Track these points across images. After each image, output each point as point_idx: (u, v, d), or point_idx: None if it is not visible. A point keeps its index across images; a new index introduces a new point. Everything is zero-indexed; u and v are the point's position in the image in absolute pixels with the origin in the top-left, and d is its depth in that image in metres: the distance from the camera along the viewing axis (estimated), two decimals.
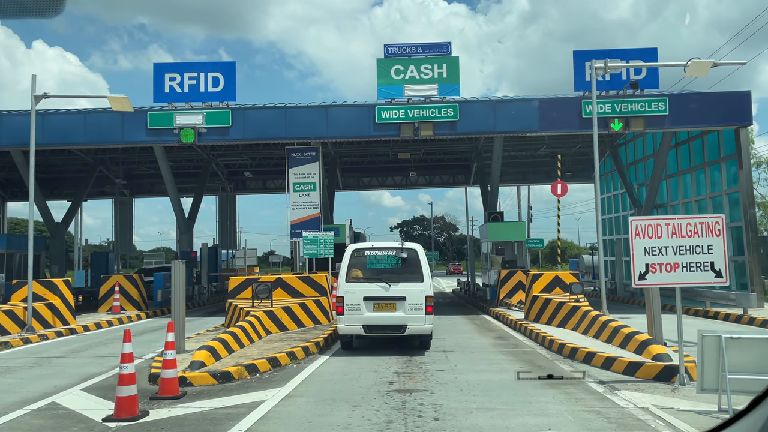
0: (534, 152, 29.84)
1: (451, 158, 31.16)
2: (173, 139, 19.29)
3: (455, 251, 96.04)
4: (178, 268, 11.00)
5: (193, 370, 9.04)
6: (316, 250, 18.82)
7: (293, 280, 15.65)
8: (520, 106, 19.14)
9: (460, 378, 9.06)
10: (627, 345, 10.17)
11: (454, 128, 18.95)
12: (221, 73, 19.72)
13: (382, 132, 19.20)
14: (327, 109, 19.39)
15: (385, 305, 11.03)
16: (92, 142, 19.72)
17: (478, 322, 17.39)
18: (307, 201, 20.43)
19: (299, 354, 10.87)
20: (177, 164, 31.18)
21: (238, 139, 19.65)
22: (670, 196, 25.35)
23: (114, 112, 19.60)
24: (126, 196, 33.05)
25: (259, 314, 12.92)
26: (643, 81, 19.43)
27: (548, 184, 35.80)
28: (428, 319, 11.01)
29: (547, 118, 18.92)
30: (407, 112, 19.05)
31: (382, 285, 11.07)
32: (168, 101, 19.73)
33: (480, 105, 19.28)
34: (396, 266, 11.48)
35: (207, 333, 14.13)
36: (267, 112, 19.64)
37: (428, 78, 19.50)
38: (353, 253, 11.63)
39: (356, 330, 11.09)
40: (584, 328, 12.39)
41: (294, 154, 20.61)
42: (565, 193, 16.73)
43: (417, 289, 11.05)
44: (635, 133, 22.26)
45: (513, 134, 19.62)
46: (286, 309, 13.84)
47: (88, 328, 16.13)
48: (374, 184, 33.87)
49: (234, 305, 14.62)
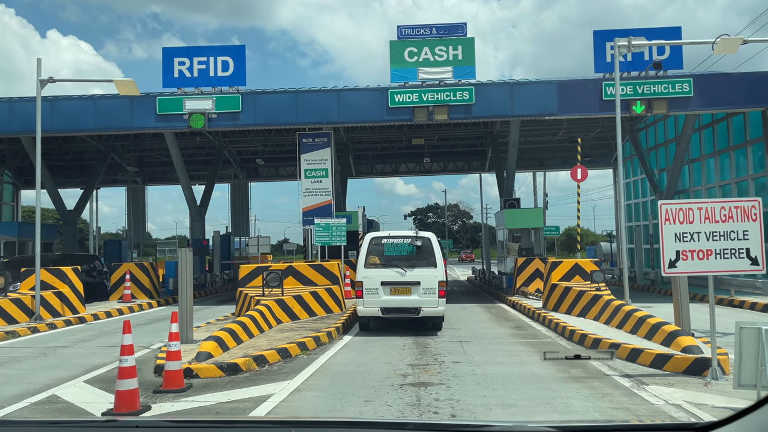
0: (551, 137, 29.16)
1: (465, 144, 30.58)
2: (183, 125, 18.94)
3: (469, 239, 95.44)
4: (185, 257, 10.66)
5: (199, 361, 8.70)
6: (328, 238, 18.45)
7: (305, 269, 15.29)
8: (538, 89, 18.53)
9: (477, 371, 8.64)
10: (654, 336, 9.68)
11: (469, 112, 18.39)
12: (231, 56, 19.30)
13: (395, 116, 18.70)
14: (339, 93, 18.92)
15: (401, 289, 11.92)
16: (101, 128, 19.43)
17: (494, 311, 16.95)
18: (319, 188, 20.03)
19: (310, 344, 10.51)
20: (189, 151, 30.94)
21: (249, 124, 19.26)
22: (692, 181, 24.61)
23: (123, 97, 19.33)
24: (138, 184, 32.91)
25: (270, 303, 12.58)
26: (666, 61, 18.72)
27: (566, 170, 35.10)
28: (441, 302, 11.87)
29: (566, 100, 18.29)
30: (421, 95, 18.52)
31: (398, 270, 11.91)
32: (177, 86, 19.36)
33: (496, 87, 18.69)
34: (411, 253, 12.28)
35: (217, 322, 13.83)
36: (278, 96, 19.20)
37: (443, 60, 18.93)
38: (371, 241, 12.42)
39: (374, 312, 11.98)
40: (606, 318, 11.90)
41: (305, 139, 20.19)
42: (585, 177, 16.17)
43: (431, 275, 11.86)
44: (657, 116, 21.55)
45: (531, 117, 19.03)
46: (297, 298, 13.49)
47: (97, 316, 15.92)
48: (388, 171, 33.41)
49: (244, 294, 14.30)
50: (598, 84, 18.41)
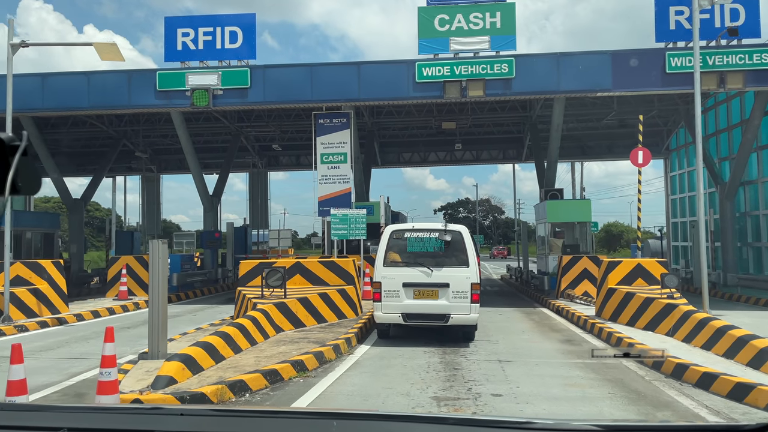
0: (596, 123, 26.47)
1: (501, 131, 28.04)
2: (185, 103, 16.93)
3: (501, 235, 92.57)
4: (157, 250, 8.56)
5: (156, 389, 6.58)
6: (346, 231, 16.29)
7: (314, 266, 13.10)
8: (589, 60, 15.99)
9: (527, 411, 6.35)
10: (763, 365, 7.22)
11: (509, 87, 15.97)
12: (240, 27, 17.21)
13: (424, 93, 16.38)
14: (359, 67, 16.67)
15: (426, 292, 10.19)
16: (96, 106, 17.54)
17: (536, 317, 14.56)
18: (336, 174, 17.85)
19: (310, 363, 8.32)
20: (204, 138, 29.16)
21: (258, 102, 17.15)
22: (761, 171, 21.70)
23: (120, 73, 17.49)
24: (153, 173, 31.21)
25: (267, 308, 10.44)
26: (742, 28, 15.99)
27: (610, 159, 32.36)
28: (474, 309, 10.11)
29: (622, 74, 15.73)
30: (453, 68, 16.16)
31: (424, 270, 10.19)
32: (181, 60, 17.38)
33: (541, 59, 16.21)
34: (439, 250, 10.47)
35: (210, 327, 11.76)
36: (290, 70, 17.07)
37: (478, 29, 16.52)
38: (392, 234, 10.63)
39: (394, 318, 10.28)
40: (686, 335, 9.44)
41: (322, 120, 18.02)
42: (648, 161, 13.65)
43: (462, 275, 10.12)
44: (731, 92, 18.79)
45: (580, 94, 16.50)
46: (302, 301, 11.32)
47: (82, 317, 14.02)
48: (416, 160, 31.02)
49: (243, 294, 12.21)
50: (661, 55, 15.81)
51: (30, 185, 1.06)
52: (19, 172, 1.02)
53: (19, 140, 1.05)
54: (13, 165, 1.02)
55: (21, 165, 1.03)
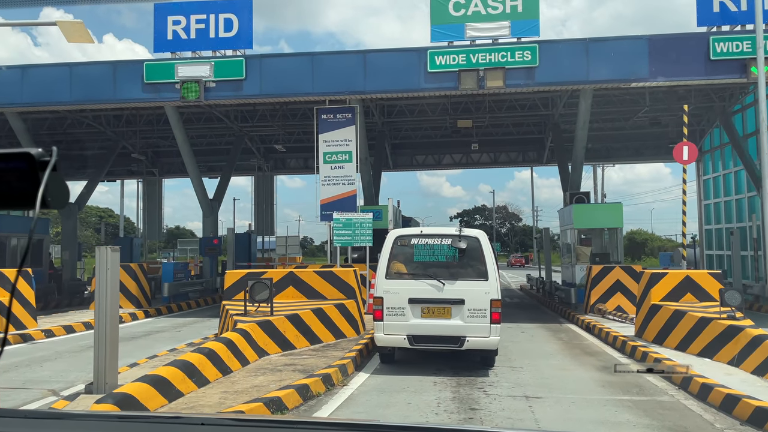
0: (623, 123, 24.63)
1: (520, 131, 26.27)
2: (175, 96, 15.47)
3: (518, 242, 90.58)
4: (105, 259, 6.99)
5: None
6: (350, 237, 14.72)
7: (310, 276, 11.44)
8: (622, 46, 14.27)
9: None
10: None
11: (532, 76, 14.28)
12: (235, 14, 15.73)
13: (437, 84, 14.75)
14: (365, 56, 15.09)
15: (436, 310, 8.56)
16: (79, 100, 16.12)
17: (563, 336, 12.78)
18: (340, 175, 16.24)
19: (289, 400, 6.67)
20: (207, 140, 27.82)
21: (255, 95, 15.63)
22: None
23: (105, 64, 16.14)
24: (155, 176, 29.88)
25: (249, 327, 8.82)
26: None
27: (637, 162, 30.47)
28: (494, 330, 8.44)
29: (660, 61, 13.97)
30: (469, 56, 14.52)
31: (434, 283, 8.56)
32: (172, 50, 15.96)
33: (568, 45, 14.52)
34: (452, 259, 8.83)
35: (189, 346, 10.18)
36: (290, 60, 15.60)
37: (497, 13, 14.87)
38: (396, 241, 8.97)
39: (398, 341, 8.63)
40: (757, 365, 7.66)
41: (325, 115, 16.45)
42: (693, 158, 11.90)
43: (480, 290, 8.50)
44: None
45: (612, 84, 14.73)
46: (292, 318, 9.68)
47: (52, 333, 12.53)
48: (430, 163, 29.32)
49: (227, 310, 10.61)
50: (704, 39, 14.03)
51: (59, 200, 1.09)
52: (48, 187, 1.06)
53: (48, 155, 1.08)
54: (43, 180, 1.06)
55: (51, 180, 1.07)
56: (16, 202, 1.08)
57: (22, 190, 1.07)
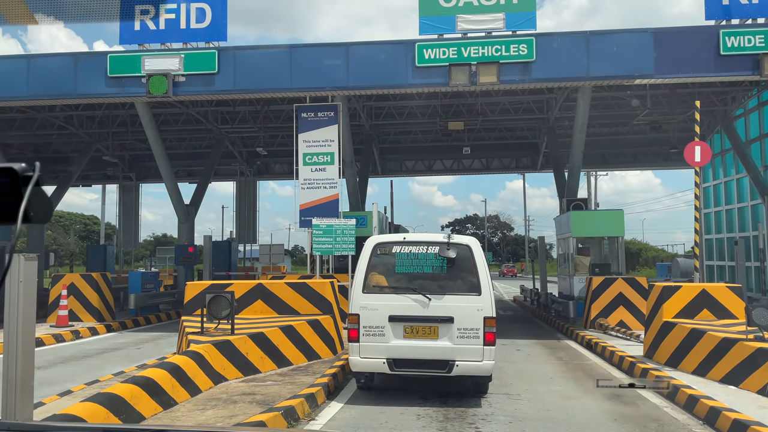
0: (621, 128, 23.65)
1: (513, 136, 25.24)
2: (141, 91, 14.23)
3: (509, 252, 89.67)
4: (18, 270, 5.72)
5: None
6: (330, 245, 13.48)
7: (280, 289, 10.17)
8: (625, 40, 13.20)
9: None
10: None
11: (528, 72, 13.17)
12: (208, 3, 14.54)
13: (425, 79, 13.62)
14: (348, 48, 13.93)
15: (421, 329, 7.38)
16: (37, 95, 14.82)
17: (563, 355, 11.59)
18: (321, 178, 15.04)
19: None
20: (186, 143, 26.58)
21: (228, 90, 14.42)
22: None
23: (65, 56, 14.94)
24: (132, 181, 28.55)
25: (203, 349, 7.56)
26: None
27: (635, 168, 29.48)
28: (488, 353, 7.25)
29: (666, 57, 12.91)
30: (461, 50, 13.39)
31: (418, 298, 7.39)
32: (139, 42, 14.72)
33: (567, 39, 13.42)
34: (440, 270, 7.61)
35: (139, 368, 8.89)
36: (266, 53, 14.38)
37: (491, 5, 13.77)
38: (375, 249, 7.72)
39: (377, 366, 7.39)
40: None
41: (305, 114, 15.26)
42: (707, 159, 10.78)
43: (471, 306, 7.32)
44: None
45: (615, 81, 13.65)
46: (255, 337, 8.43)
47: None
48: (420, 169, 28.18)
49: (184, 326, 9.34)
50: (713, 33, 12.99)
51: (42, 214, 1.09)
52: (31, 202, 1.06)
53: (32, 170, 1.09)
54: (26, 195, 1.06)
55: (33, 195, 1.07)
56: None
57: (5, 205, 1.09)
